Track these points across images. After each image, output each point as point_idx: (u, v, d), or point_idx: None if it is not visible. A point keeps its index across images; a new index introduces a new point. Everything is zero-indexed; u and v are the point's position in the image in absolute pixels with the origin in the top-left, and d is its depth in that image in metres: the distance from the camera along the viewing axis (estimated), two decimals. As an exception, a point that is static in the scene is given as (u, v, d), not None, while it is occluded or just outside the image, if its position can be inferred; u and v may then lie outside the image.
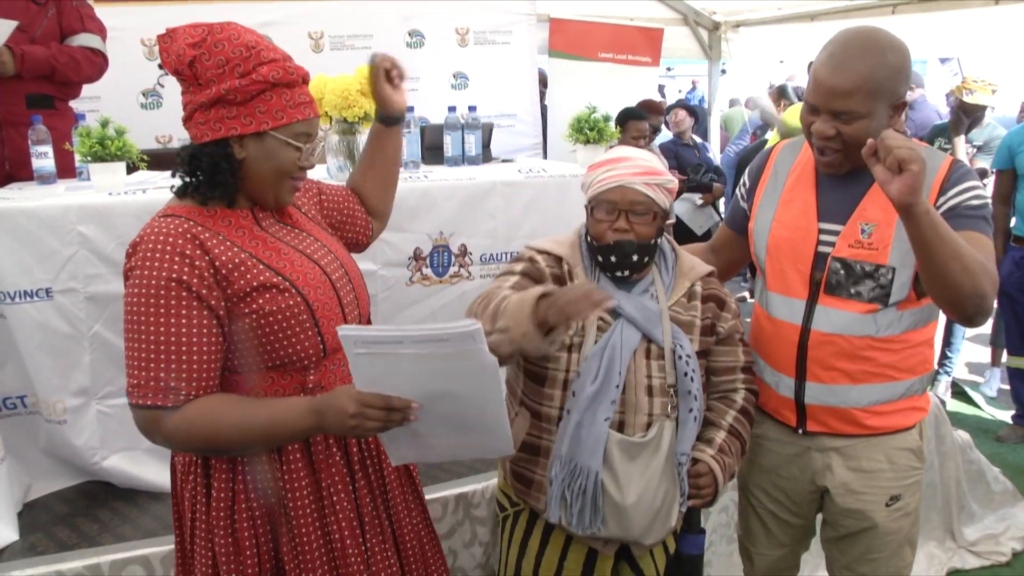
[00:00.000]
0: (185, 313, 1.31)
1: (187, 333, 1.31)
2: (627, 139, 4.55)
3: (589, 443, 1.60)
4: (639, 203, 1.64)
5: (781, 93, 5.79)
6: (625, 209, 1.64)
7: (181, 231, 1.34)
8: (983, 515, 3.28)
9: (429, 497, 2.21)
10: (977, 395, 4.75)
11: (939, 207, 1.59)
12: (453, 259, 2.80)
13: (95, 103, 3.56)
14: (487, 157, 3.39)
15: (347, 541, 1.46)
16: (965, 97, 4.50)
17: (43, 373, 2.29)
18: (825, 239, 1.70)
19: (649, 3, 6.17)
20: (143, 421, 1.33)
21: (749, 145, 6.55)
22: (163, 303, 1.30)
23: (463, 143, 3.15)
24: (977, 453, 3.29)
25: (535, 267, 1.72)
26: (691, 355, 1.67)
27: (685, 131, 5.91)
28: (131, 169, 2.55)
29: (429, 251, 2.75)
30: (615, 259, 1.67)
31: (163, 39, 1.38)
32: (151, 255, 1.31)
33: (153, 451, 2.36)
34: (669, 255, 1.77)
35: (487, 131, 3.44)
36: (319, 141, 1.73)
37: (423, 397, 1.28)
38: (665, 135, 6.20)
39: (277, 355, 1.39)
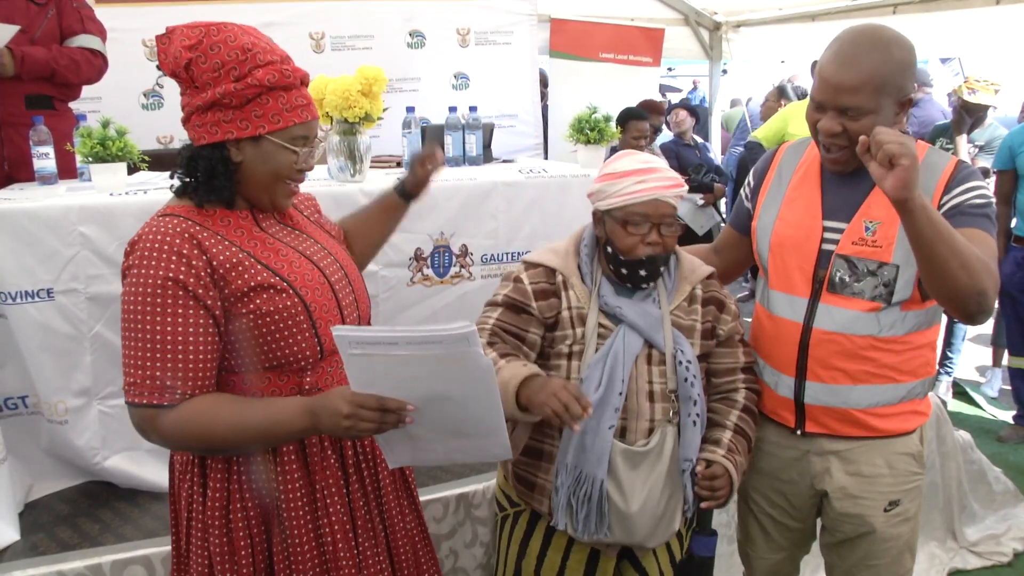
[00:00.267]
0: (181, 312, 1.31)
1: (183, 332, 1.31)
2: (628, 139, 4.56)
3: (594, 451, 1.60)
4: (669, 215, 1.63)
5: (781, 93, 5.80)
6: (657, 222, 1.62)
7: (179, 231, 1.34)
8: (984, 515, 3.27)
9: (430, 497, 2.22)
10: (978, 395, 4.74)
11: (943, 206, 1.59)
12: (454, 259, 2.80)
13: (96, 104, 3.56)
14: (488, 157, 3.39)
15: (339, 544, 1.45)
16: (967, 96, 4.49)
17: (44, 373, 2.29)
18: (829, 237, 1.69)
19: (650, 3, 6.17)
20: (139, 419, 1.33)
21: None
22: (159, 302, 1.30)
23: (464, 143, 3.15)
24: (978, 453, 3.29)
25: (519, 288, 1.69)
26: (692, 360, 1.67)
27: (686, 131, 5.90)
28: (132, 170, 2.56)
29: (430, 251, 2.75)
30: (645, 273, 1.65)
31: (161, 40, 1.38)
32: (148, 254, 1.31)
33: (154, 451, 2.36)
34: (671, 258, 1.76)
35: (488, 131, 3.44)
36: (319, 142, 1.73)
37: (419, 399, 1.27)
38: (666, 135, 6.20)
39: (274, 356, 1.39)
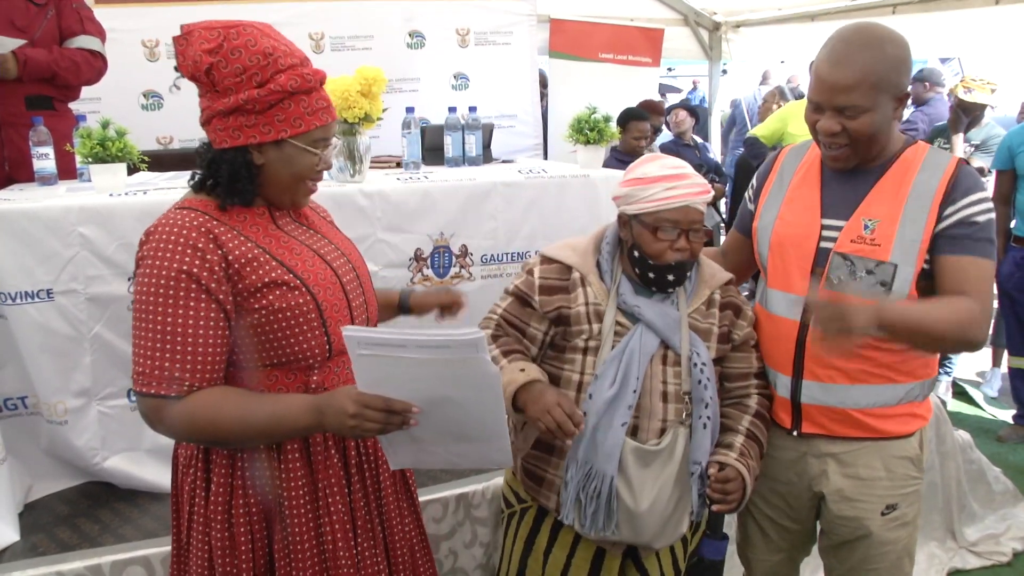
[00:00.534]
0: (193, 305, 1.32)
1: (193, 325, 1.32)
2: (629, 140, 4.56)
3: (605, 448, 1.61)
4: (697, 221, 1.64)
5: (780, 94, 5.80)
6: (686, 228, 1.63)
7: (196, 224, 1.34)
8: (984, 515, 3.27)
9: (430, 497, 2.22)
10: (978, 395, 4.75)
11: (944, 218, 1.59)
12: (454, 260, 2.80)
13: (96, 104, 3.55)
14: (487, 158, 3.39)
15: (339, 543, 1.46)
16: (963, 95, 4.49)
17: (44, 374, 2.29)
18: (828, 235, 1.69)
19: (649, 3, 6.16)
20: (146, 409, 1.34)
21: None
22: (171, 294, 1.31)
23: (463, 144, 3.15)
24: (978, 453, 3.29)
25: (528, 281, 1.74)
26: (707, 363, 1.67)
27: (686, 131, 5.90)
28: (132, 170, 2.56)
29: (430, 252, 2.75)
30: (673, 278, 1.66)
31: (179, 41, 1.37)
32: (163, 245, 1.32)
33: (154, 452, 2.37)
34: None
35: (487, 132, 3.44)
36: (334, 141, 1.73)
37: (424, 402, 1.28)
38: (665, 135, 6.20)
39: (283, 352, 1.40)
